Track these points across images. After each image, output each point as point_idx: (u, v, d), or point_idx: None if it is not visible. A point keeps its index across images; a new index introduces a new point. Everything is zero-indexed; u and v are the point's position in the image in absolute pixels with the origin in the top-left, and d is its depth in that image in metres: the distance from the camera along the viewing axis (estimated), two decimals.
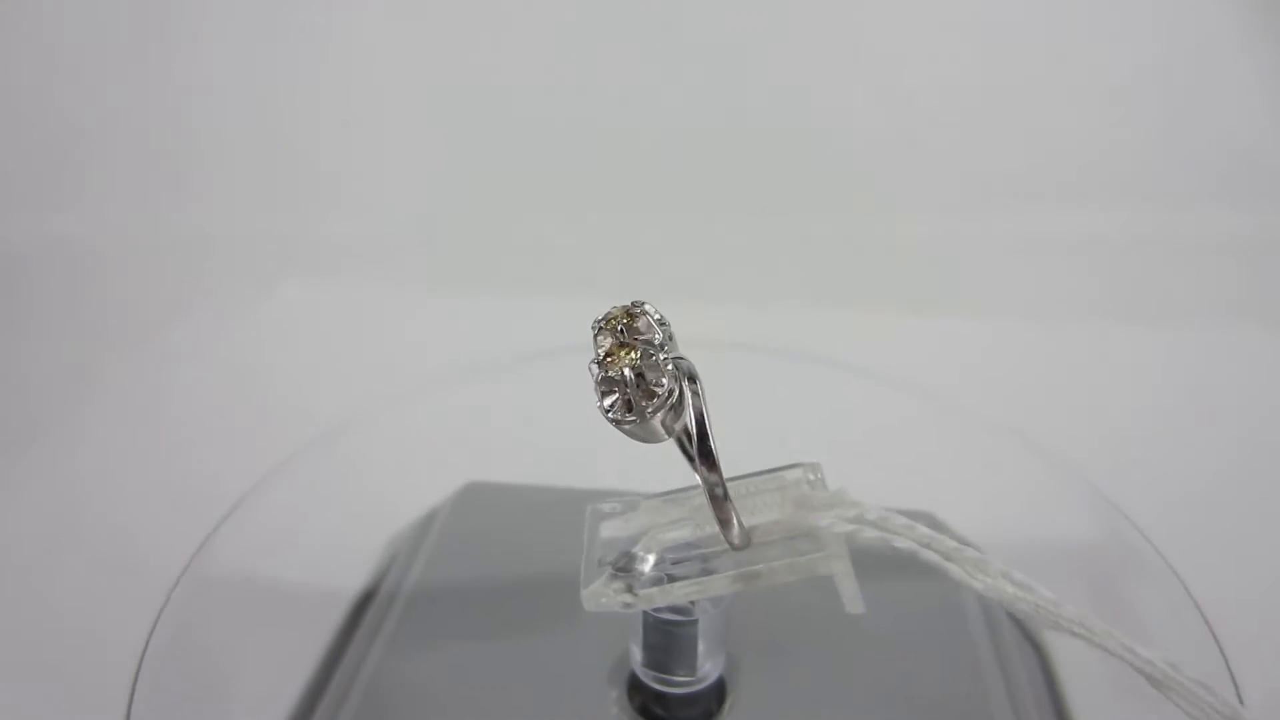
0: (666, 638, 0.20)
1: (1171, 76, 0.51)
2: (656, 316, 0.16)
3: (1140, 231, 0.51)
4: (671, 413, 0.16)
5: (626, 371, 0.16)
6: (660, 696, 0.21)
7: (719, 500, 0.17)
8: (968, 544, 0.18)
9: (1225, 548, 0.29)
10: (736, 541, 0.17)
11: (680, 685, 0.20)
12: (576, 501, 0.20)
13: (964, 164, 0.53)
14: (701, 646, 0.20)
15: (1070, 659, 0.26)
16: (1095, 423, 0.36)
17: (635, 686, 0.21)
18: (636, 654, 0.20)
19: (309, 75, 0.54)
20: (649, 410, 0.16)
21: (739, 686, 0.21)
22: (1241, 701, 0.20)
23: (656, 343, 0.16)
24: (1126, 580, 0.26)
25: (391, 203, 0.54)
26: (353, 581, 0.26)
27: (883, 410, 0.31)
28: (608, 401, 0.16)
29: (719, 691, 0.21)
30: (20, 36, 0.53)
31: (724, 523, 0.17)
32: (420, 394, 0.30)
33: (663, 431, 0.16)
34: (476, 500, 0.28)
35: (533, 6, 0.52)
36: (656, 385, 0.16)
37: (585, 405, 0.22)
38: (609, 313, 0.17)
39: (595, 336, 0.17)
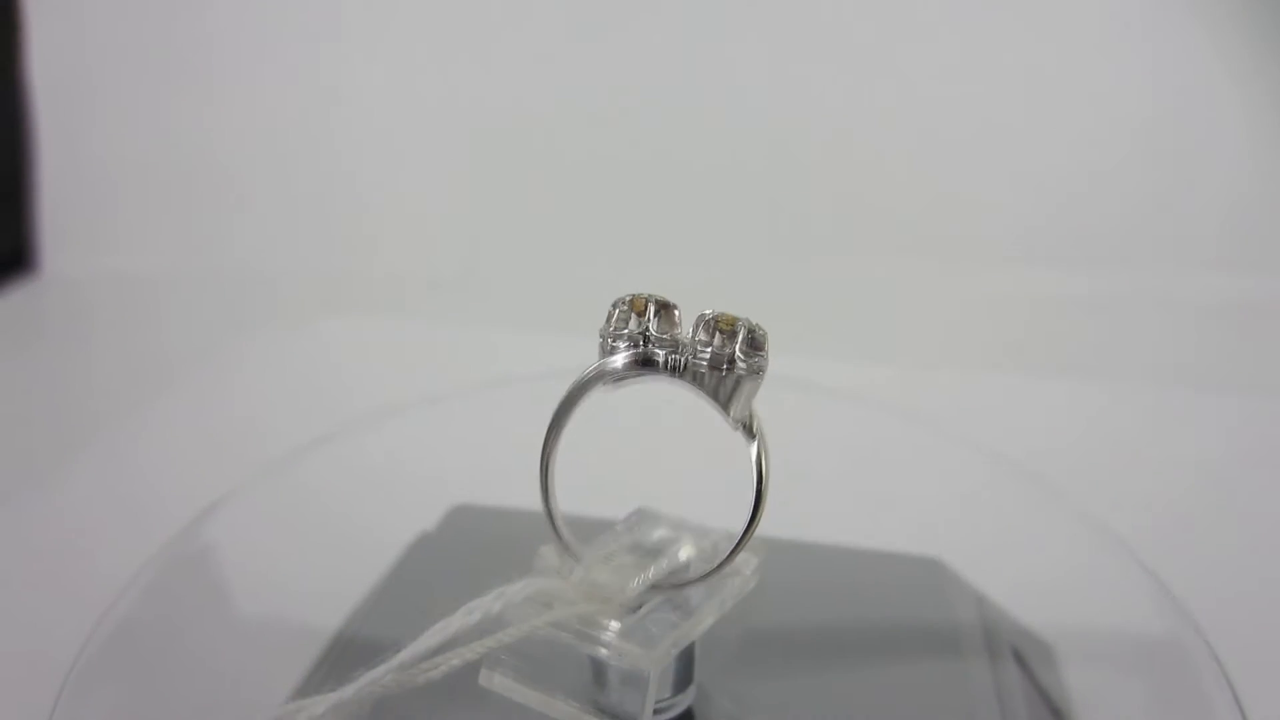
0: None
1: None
2: None
3: (1219, 295, 0.49)
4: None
5: (741, 327, 0.16)
6: None
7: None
8: None
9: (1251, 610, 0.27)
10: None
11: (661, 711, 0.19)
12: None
13: (1022, 217, 0.52)
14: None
15: None
16: (1137, 485, 0.34)
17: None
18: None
19: (348, 117, 0.56)
20: (738, 362, 0.16)
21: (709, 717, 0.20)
22: None
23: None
24: (1179, 679, 0.23)
25: (429, 243, 0.55)
26: (334, 611, 0.26)
27: (898, 450, 0.29)
28: (747, 345, 0.16)
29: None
30: (77, 79, 0.56)
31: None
32: (404, 416, 0.30)
33: (746, 403, 0.16)
34: (464, 524, 0.27)
35: (575, 47, 0.53)
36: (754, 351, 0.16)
37: (578, 429, 0.22)
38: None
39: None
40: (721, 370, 0.16)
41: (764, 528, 0.26)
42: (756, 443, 0.16)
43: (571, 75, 0.53)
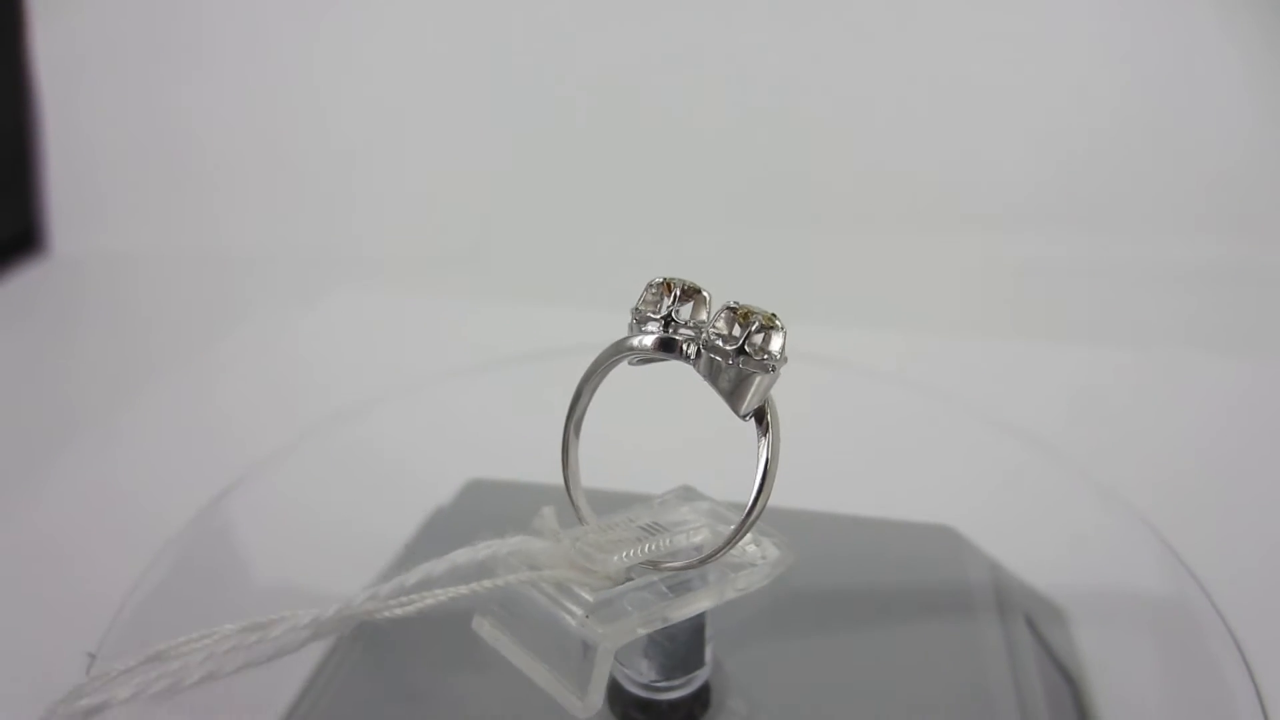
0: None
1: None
2: None
3: (1229, 258, 0.49)
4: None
5: (756, 320, 0.15)
6: (642, 702, 0.19)
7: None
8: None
9: (1258, 568, 0.27)
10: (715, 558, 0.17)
11: (662, 690, 0.19)
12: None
13: (1030, 180, 0.52)
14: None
15: (1108, 691, 0.24)
16: (1145, 448, 0.34)
17: (616, 692, 0.20)
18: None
19: (354, 94, 0.56)
20: (752, 358, 0.15)
21: (725, 689, 0.20)
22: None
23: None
24: (1179, 626, 0.24)
25: (436, 217, 0.55)
26: (352, 582, 0.26)
27: (911, 420, 0.29)
28: (758, 339, 0.15)
29: (703, 694, 0.20)
30: (75, 57, 0.55)
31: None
32: (420, 390, 0.30)
33: (755, 398, 0.16)
34: (479, 498, 0.27)
35: (580, 20, 0.52)
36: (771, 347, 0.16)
37: (628, 404, 0.22)
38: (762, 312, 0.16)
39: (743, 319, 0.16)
40: (727, 361, 0.16)
41: (781, 498, 0.26)
42: (766, 438, 0.16)
43: (575, 43, 0.53)
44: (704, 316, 0.16)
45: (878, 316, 0.45)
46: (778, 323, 0.16)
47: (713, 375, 0.16)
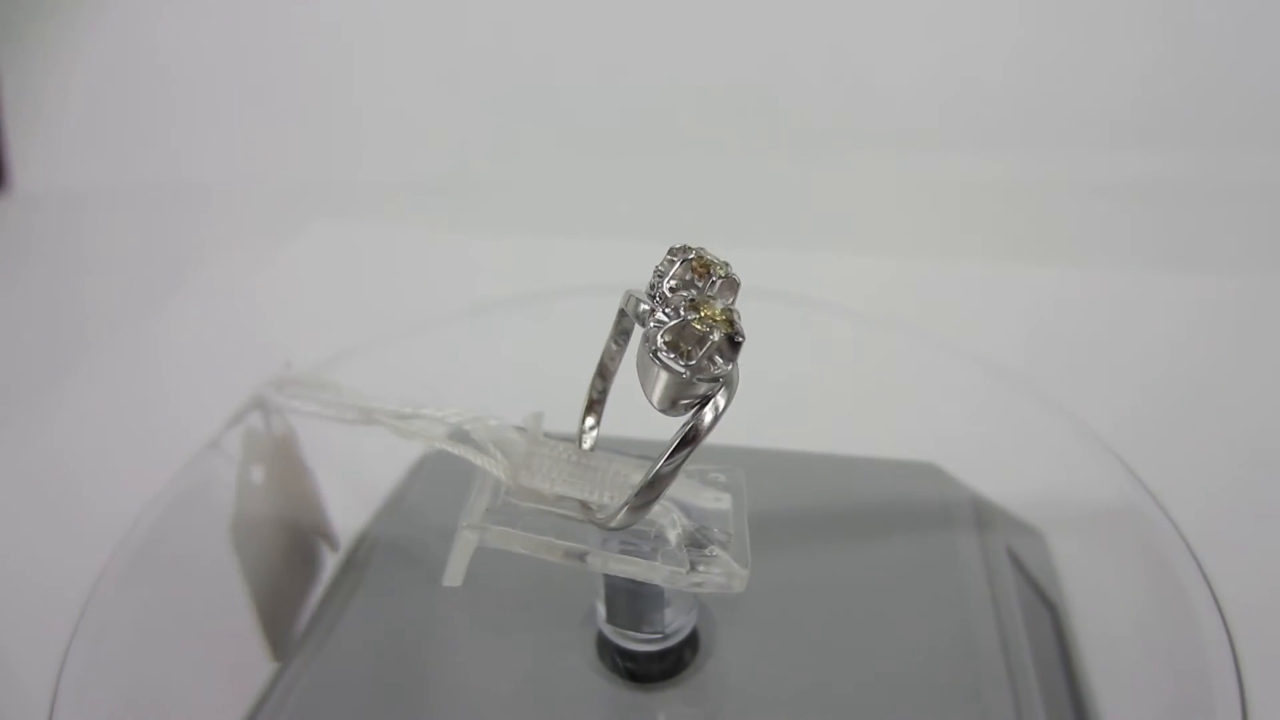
0: (627, 596, 0.19)
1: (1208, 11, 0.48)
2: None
3: (1165, 174, 0.49)
4: (686, 397, 0.15)
5: (717, 335, 0.14)
6: (630, 653, 0.20)
7: (654, 485, 0.16)
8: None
9: (1222, 492, 0.28)
10: (616, 524, 0.17)
11: (647, 641, 0.19)
12: None
13: (974, 101, 0.51)
14: (668, 606, 0.19)
15: (1086, 618, 0.24)
16: (1102, 370, 0.34)
17: (604, 642, 0.20)
18: (601, 611, 0.20)
19: (332, 19, 0.54)
20: (696, 376, 0.14)
21: (713, 640, 0.20)
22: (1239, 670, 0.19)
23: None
24: (1132, 539, 0.25)
25: (418, 146, 0.54)
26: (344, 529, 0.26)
27: (882, 356, 0.29)
28: (668, 337, 0.15)
29: (691, 645, 0.20)
30: None
31: (639, 507, 0.16)
32: (405, 336, 0.30)
33: (668, 397, 0.15)
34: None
35: None
36: (717, 365, 0.15)
37: (575, 349, 0.22)
38: (710, 255, 0.15)
39: (682, 266, 0.15)
40: (649, 352, 0.15)
41: (764, 439, 0.26)
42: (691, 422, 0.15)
43: None
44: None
45: (817, 238, 0.45)
46: (719, 330, 0.15)
47: (715, 351, 0.15)
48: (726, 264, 0.15)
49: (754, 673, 0.20)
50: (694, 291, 0.15)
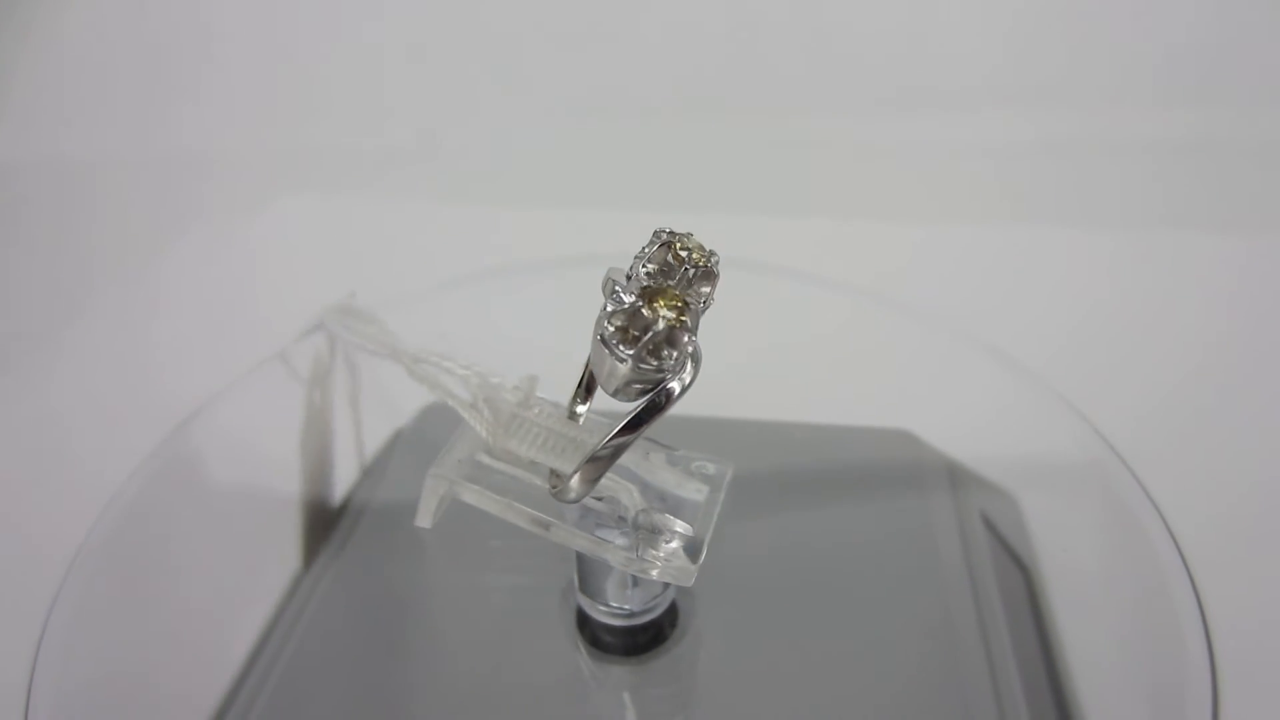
0: (597, 571, 0.19)
1: None
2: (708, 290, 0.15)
3: (1096, 132, 0.48)
4: (638, 381, 0.15)
5: (661, 323, 0.14)
6: (608, 626, 0.20)
7: (596, 461, 0.16)
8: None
9: (1189, 453, 0.28)
10: (569, 496, 0.17)
11: (616, 616, 0.20)
12: None
13: (920, 63, 0.50)
14: (636, 586, 0.19)
15: (1057, 577, 0.25)
16: (1056, 327, 0.34)
17: (585, 616, 0.20)
18: (576, 582, 0.20)
19: None
20: (639, 365, 0.14)
21: (691, 615, 0.21)
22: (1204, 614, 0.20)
23: (695, 310, 0.15)
24: (1094, 489, 0.25)
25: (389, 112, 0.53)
26: (311, 496, 0.26)
27: (845, 322, 0.30)
28: (617, 322, 0.15)
29: (670, 618, 0.20)
30: None
31: (586, 480, 0.16)
32: (376, 312, 0.29)
33: (621, 381, 0.15)
34: (440, 420, 0.27)
35: None
36: (667, 353, 0.14)
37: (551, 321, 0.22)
38: (691, 243, 0.15)
39: (661, 250, 0.15)
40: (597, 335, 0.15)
41: (738, 410, 0.26)
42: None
43: None
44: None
45: (796, 204, 0.45)
46: (712, 263, 0.15)
47: (661, 340, 0.15)
48: (711, 254, 0.15)
49: (731, 646, 0.20)
50: (659, 279, 0.15)
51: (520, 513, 0.18)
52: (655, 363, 0.14)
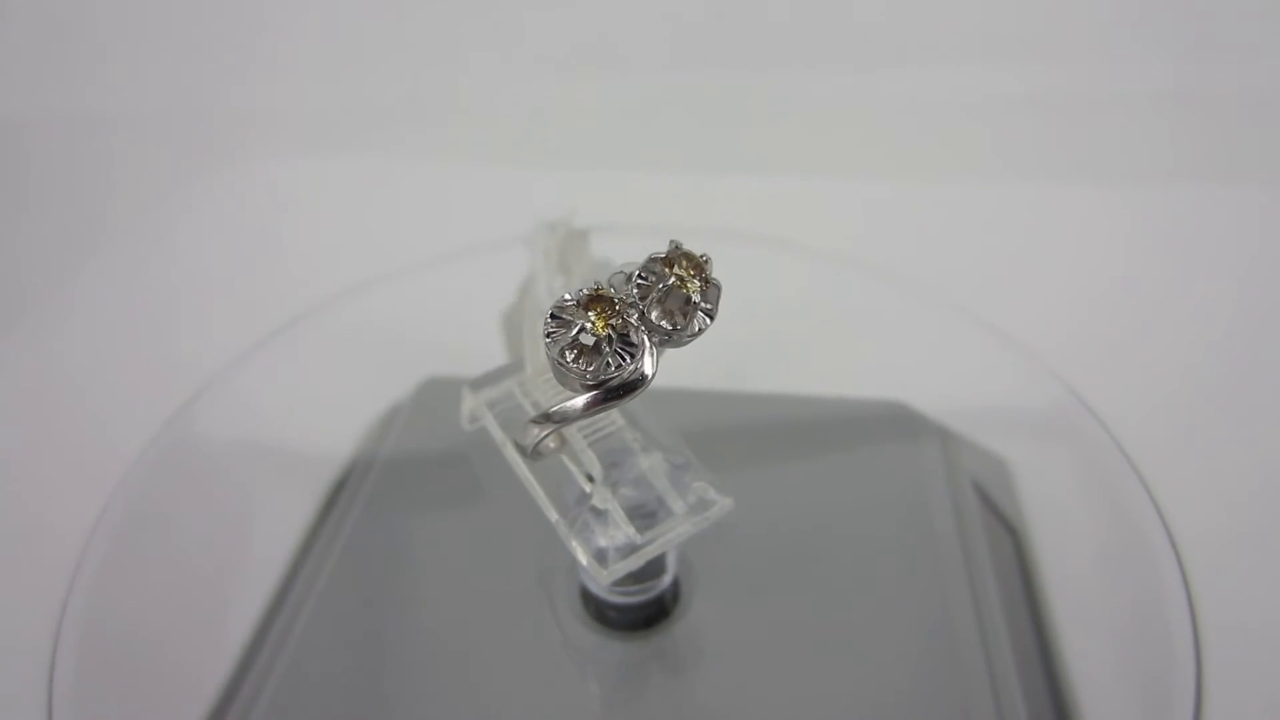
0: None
1: None
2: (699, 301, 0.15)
3: (1079, 87, 0.48)
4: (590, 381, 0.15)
5: (589, 341, 0.14)
6: (611, 603, 0.20)
7: (542, 423, 0.16)
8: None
9: (1167, 417, 0.29)
10: (524, 442, 0.17)
11: (628, 594, 0.20)
12: None
13: (900, 18, 0.50)
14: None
15: (1047, 544, 0.25)
16: (1038, 292, 0.35)
17: (589, 593, 0.21)
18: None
19: None
20: (559, 363, 0.14)
21: (692, 589, 0.21)
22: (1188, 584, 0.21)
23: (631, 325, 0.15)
24: (1071, 455, 0.26)
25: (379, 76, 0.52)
26: (317, 471, 0.26)
27: (829, 290, 0.30)
28: (553, 313, 0.14)
29: (673, 594, 0.21)
30: None
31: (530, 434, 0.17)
32: (379, 285, 0.29)
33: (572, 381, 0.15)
34: (437, 396, 0.27)
35: None
36: (611, 357, 0.14)
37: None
38: (680, 255, 0.15)
39: (656, 272, 0.15)
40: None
41: (732, 382, 0.26)
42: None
43: None
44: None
45: (783, 163, 0.44)
46: (705, 268, 0.15)
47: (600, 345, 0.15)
48: (699, 279, 0.15)
49: (732, 619, 0.21)
50: (638, 288, 0.15)
51: (510, 451, 0.19)
52: (584, 365, 0.14)
